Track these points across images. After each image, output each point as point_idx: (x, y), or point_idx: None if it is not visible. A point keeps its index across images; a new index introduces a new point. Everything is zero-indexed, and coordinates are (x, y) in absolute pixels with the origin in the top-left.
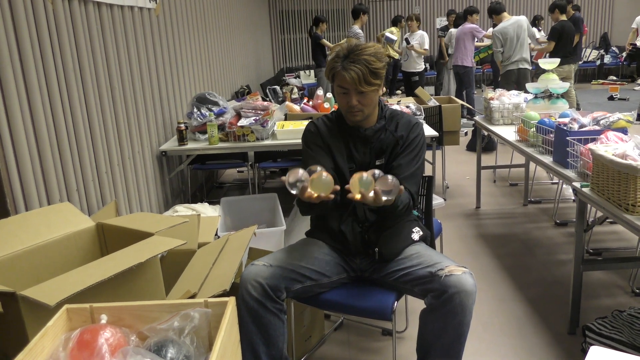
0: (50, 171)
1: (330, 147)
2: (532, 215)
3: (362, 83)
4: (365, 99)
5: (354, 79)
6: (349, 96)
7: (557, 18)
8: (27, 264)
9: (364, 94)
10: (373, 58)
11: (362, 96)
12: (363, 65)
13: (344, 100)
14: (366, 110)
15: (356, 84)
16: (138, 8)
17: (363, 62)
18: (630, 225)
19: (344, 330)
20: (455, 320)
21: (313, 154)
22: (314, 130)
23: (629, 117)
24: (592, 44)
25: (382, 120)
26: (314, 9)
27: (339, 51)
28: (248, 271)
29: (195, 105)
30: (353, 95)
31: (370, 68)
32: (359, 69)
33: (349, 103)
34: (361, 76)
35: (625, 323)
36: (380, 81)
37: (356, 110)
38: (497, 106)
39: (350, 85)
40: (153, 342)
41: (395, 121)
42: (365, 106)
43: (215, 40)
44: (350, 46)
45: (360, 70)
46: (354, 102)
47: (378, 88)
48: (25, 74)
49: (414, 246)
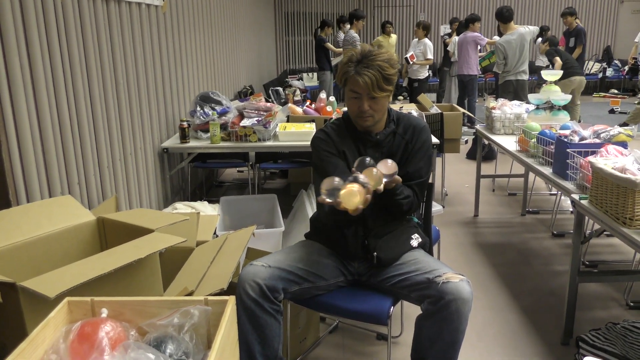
0: (53, 163)
1: (345, 153)
2: (530, 225)
3: (375, 88)
4: (377, 105)
5: (367, 84)
6: (360, 101)
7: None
8: (27, 255)
9: (376, 100)
10: (386, 64)
11: (374, 102)
12: (376, 71)
13: (355, 105)
14: (377, 115)
15: (369, 89)
16: (145, 5)
17: (377, 68)
18: (627, 239)
19: (339, 334)
20: (450, 327)
21: (331, 160)
22: (324, 137)
23: (630, 132)
24: (595, 57)
25: (392, 124)
26: (319, 12)
27: (352, 56)
28: (246, 271)
29: (199, 103)
30: (365, 100)
31: (383, 74)
32: (372, 74)
33: (361, 108)
34: (374, 81)
35: (619, 335)
36: (392, 87)
37: (367, 116)
38: (498, 116)
39: (363, 90)
40: (152, 338)
41: (403, 124)
42: (376, 112)
43: (220, 39)
44: (364, 51)
45: (374, 76)
46: (365, 107)
47: (390, 94)
48: (32, 67)
49: (412, 252)
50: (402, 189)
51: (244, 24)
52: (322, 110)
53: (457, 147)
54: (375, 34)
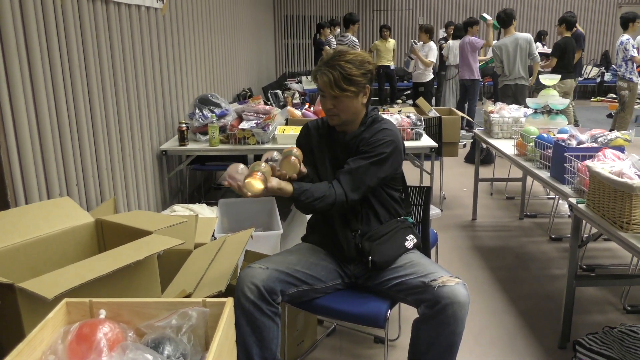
0: (51, 165)
1: (314, 151)
2: (528, 229)
3: (333, 87)
4: (340, 104)
5: (326, 83)
6: (325, 99)
7: (562, 33)
8: (25, 256)
9: (338, 99)
10: (349, 65)
11: (337, 101)
12: (337, 71)
13: (322, 103)
14: (342, 115)
15: (327, 88)
16: (145, 7)
17: (337, 67)
18: (625, 243)
19: (336, 337)
20: (447, 331)
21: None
22: (305, 133)
23: (627, 136)
24: (593, 62)
25: (362, 126)
26: (318, 15)
27: (325, 56)
28: (245, 273)
29: (198, 106)
30: (328, 99)
31: (343, 74)
32: (331, 73)
33: (325, 105)
34: (332, 80)
35: (616, 339)
36: (355, 88)
37: (332, 114)
38: (496, 120)
39: (324, 89)
40: (150, 339)
41: (374, 128)
42: (341, 111)
43: (219, 42)
44: (335, 52)
45: (333, 75)
46: (328, 105)
47: (353, 95)
48: (32, 68)
49: (407, 255)
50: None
51: (243, 26)
52: (320, 113)
53: (456, 150)
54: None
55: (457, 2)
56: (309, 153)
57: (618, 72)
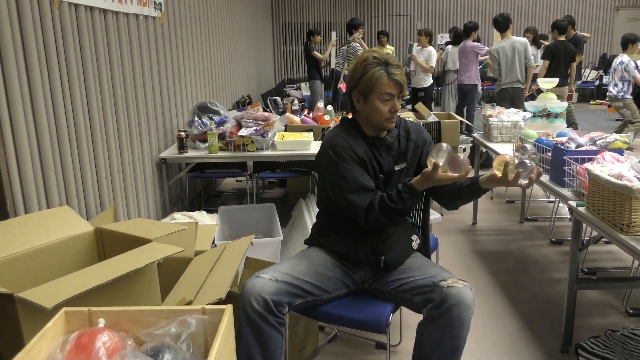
0: (51, 174)
1: (365, 160)
2: (528, 232)
3: (405, 87)
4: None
5: (403, 83)
6: (393, 101)
7: (555, 38)
8: (25, 266)
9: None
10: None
11: (399, 101)
12: (403, 71)
13: (387, 106)
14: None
15: (402, 88)
16: (143, 16)
17: (401, 68)
18: (625, 246)
19: (337, 343)
20: (452, 333)
21: (357, 167)
22: (346, 145)
23: (626, 138)
24: (592, 65)
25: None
26: (316, 22)
27: (375, 60)
28: (252, 284)
29: (197, 113)
30: (397, 100)
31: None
32: (403, 73)
33: (395, 107)
34: (405, 81)
35: (618, 343)
36: None
37: (395, 117)
38: (495, 123)
39: (397, 89)
40: (150, 347)
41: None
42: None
43: (218, 49)
44: (382, 55)
45: (404, 75)
46: (398, 105)
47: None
48: (30, 77)
49: (415, 257)
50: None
51: (242, 33)
52: (319, 119)
53: None
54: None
55: (454, 8)
56: (361, 162)
57: (611, 92)
